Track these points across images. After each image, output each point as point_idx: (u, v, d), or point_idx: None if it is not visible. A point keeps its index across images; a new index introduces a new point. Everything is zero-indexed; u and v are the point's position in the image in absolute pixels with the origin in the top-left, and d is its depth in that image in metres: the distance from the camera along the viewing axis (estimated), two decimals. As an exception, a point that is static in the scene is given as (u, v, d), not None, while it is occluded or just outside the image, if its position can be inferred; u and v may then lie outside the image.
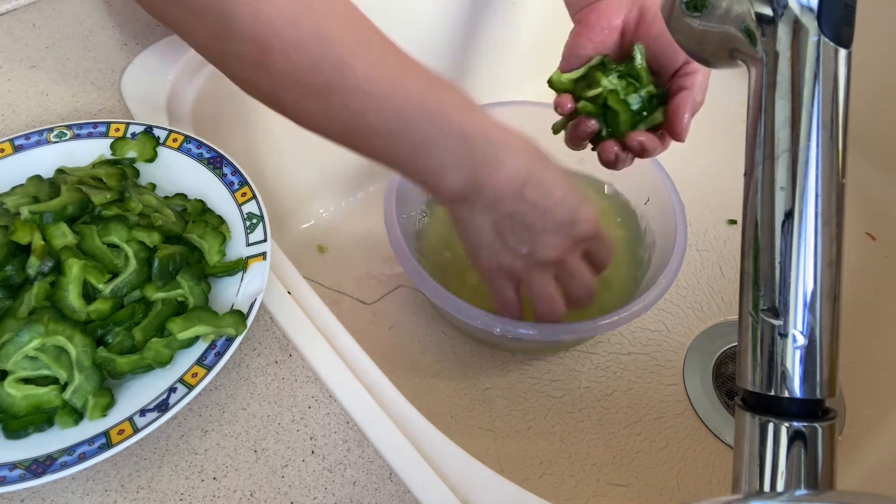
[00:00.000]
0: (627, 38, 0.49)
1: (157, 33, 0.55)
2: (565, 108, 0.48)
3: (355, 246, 0.67)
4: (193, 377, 0.36)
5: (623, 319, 0.49)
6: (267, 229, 0.42)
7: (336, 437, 0.37)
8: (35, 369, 0.35)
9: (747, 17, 0.27)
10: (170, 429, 0.36)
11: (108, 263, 0.38)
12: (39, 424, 0.34)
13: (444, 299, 0.49)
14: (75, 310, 0.36)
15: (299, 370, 0.39)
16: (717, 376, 0.60)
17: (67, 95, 0.50)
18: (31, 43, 0.54)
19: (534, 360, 0.60)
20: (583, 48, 0.49)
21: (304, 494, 0.35)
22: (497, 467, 0.36)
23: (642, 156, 0.48)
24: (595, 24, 0.49)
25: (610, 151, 0.48)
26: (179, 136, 0.46)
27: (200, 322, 0.37)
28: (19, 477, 0.32)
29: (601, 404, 0.58)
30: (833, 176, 0.26)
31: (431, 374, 0.58)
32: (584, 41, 0.49)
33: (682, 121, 0.46)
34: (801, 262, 0.26)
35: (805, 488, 0.25)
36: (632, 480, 0.53)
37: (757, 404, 0.27)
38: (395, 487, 0.35)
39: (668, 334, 0.62)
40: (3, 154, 0.44)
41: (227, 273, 0.40)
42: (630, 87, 0.47)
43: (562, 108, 0.48)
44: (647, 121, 0.48)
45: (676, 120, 0.46)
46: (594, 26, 0.49)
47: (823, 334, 0.26)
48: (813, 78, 0.26)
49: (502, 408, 0.57)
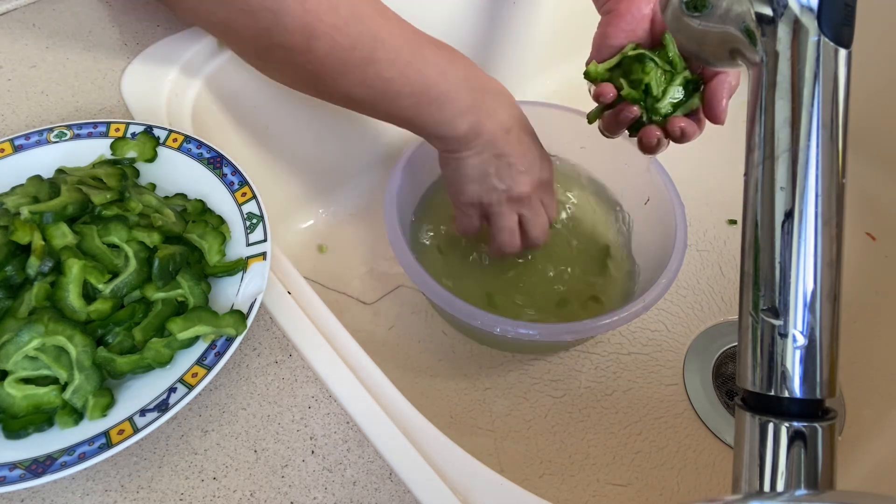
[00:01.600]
0: (657, 27, 0.50)
1: (157, 33, 0.55)
2: (608, 97, 0.48)
3: (355, 246, 0.67)
4: (193, 377, 0.36)
5: (623, 319, 0.49)
6: (267, 229, 0.42)
7: (336, 437, 0.37)
8: (35, 369, 0.35)
9: (747, 17, 0.27)
10: (170, 429, 0.36)
11: (108, 263, 0.38)
12: (39, 424, 0.34)
13: (444, 299, 0.49)
14: (75, 310, 0.36)
15: (299, 370, 0.39)
16: (717, 376, 0.60)
17: (67, 95, 0.50)
18: (31, 43, 0.54)
19: (534, 360, 0.60)
20: (614, 38, 0.49)
21: (304, 494, 0.35)
22: (497, 467, 0.36)
23: (682, 141, 0.49)
24: (625, 13, 0.49)
25: (653, 136, 0.48)
26: (179, 136, 0.46)
27: (200, 322, 0.37)
28: (19, 477, 0.32)
29: (601, 404, 0.58)
30: (833, 176, 0.26)
31: (431, 374, 0.58)
32: (615, 31, 0.49)
33: (721, 104, 0.47)
34: (801, 262, 0.26)
35: (805, 488, 0.25)
36: (632, 480, 0.53)
37: (757, 404, 0.27)
38: (395, 487, 0.35)
39: (668, 334, 0.62)
40: (3, 154, 0.44)
41: (227, 273, 0.40)
42: (668, 74, 0.48)
43: (604, 96, 0.48)
44: (686, 106, 0.48)
45: (715, 103, 0.47)
46: (624, 15, 0.49)
47: (823, 334, 0.26)
48: (813, 78, 0.26)
49: (502, 408, 0.57)
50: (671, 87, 0.47)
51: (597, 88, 0.49)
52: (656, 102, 0.48)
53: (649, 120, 0.48)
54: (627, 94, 0.48)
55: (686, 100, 0.48)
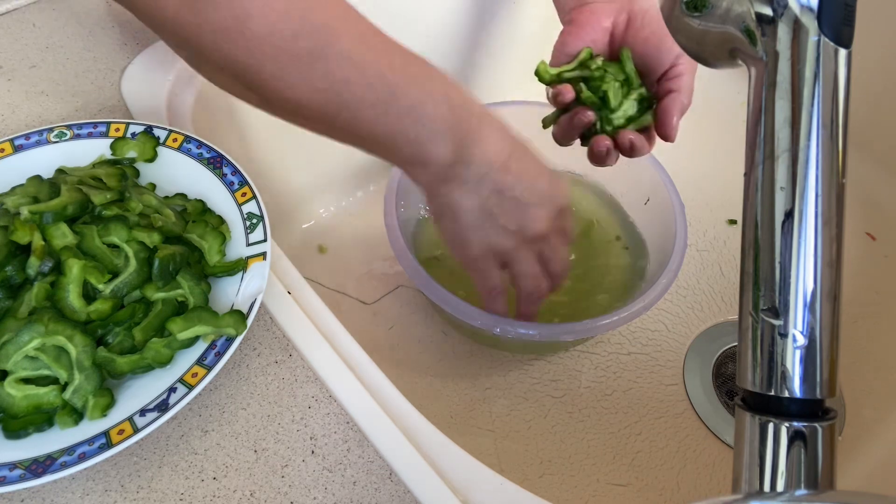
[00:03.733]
0: (616, 41, 0.50)
1: (157, 33, 0.55)
2: (566, 97, 0.48)
3: (355, 246, 0.67)
4: (193, 377, 0.36)
5: (623, 319, 0.49)
6: (267, 229, 0.42)
7: (336, 437, 0.37)
8: (35, 369, 0.35)
9: (747, 17, 0.27)
10: (170, 429, 0.36)
11: (109, 263, 0.38)
12: (39, 424, 0.34)
13: (444, 299, 0.49)
14: (75, 310, 0.36)
15: (299, 370, 0.39)
16: (717, 376, 0.60)
17: (67, 95, 0.50)
18: (31, 43, 0.54)
19: (534, 360, 0.60)
20: (573, 46, 0.50)
21: (304, 494, 0.35)
22: (497, 467, 0.36)
23: (630, 154, 0.49)
24: (586, 24, 0.50)
25: (603, 145, 0.48)
26: (179, 136, 0.46)
27: (200, 322, 0.37)
28: (19, 477, 0.32)
29: (601, 404, 0.58)
30: (833, 176, 0.26)
31: (431, 374, 0.58)
32: (574, 40, 0.50)
33: (672, 122, 0.47)
34: (801, 262, 0.26)
35: (805, 488, 0.25)
36: (632, 480, 0.53)
37: (757, 404, 0.27)
38: (395, 487, 0.35)
39: (668, 334, 0.62)
40: (3, 154, 0.44)
41: (227, 273, 0.40)
42: (624, 88, 0.49)
43: (562, 96, 0.48)
44: (638, 122, 0.49)
45: (666, 121, 0.48)
46: (585, 25, 0.50)
47: (823, 334, 0.26)
48: (813, 78, 0.26)
49: (502, 408, 0.57)
50: (626, 101, 0.48)
51: (555, 89, 0.49)
52: (611, 113, 0.48)
53: (602, 129, 0.49)
54: (587, 98, 0.48)
55: (639, 116, 0.49)
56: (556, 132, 0.51)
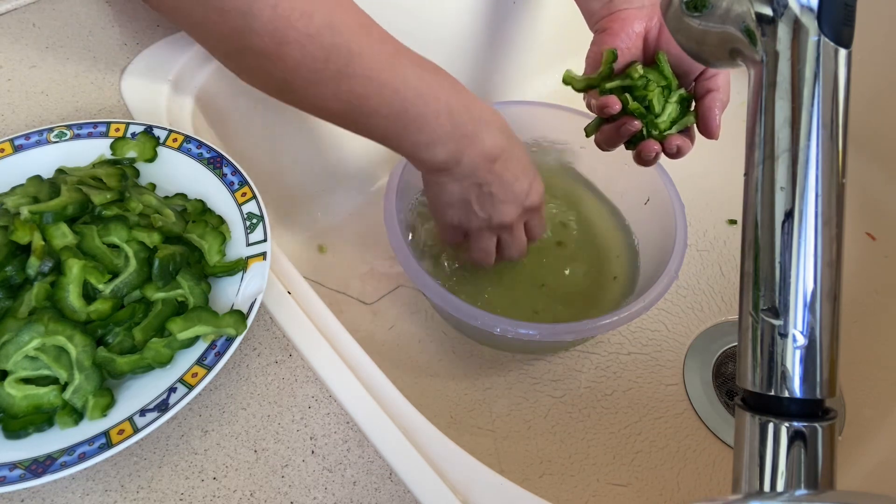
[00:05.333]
0: (650, 46, 0.51)
1: (157, 33, 0.55)
2: (614, 109, 0.49)
3: (355, 246, 0.67)
4: (193, 377, 0.36)
5: (623, 319, 0.49)
6: (267, 229, 0.42)
7: (336, 437, 0.37)
8: (35, 369, 0.35)
9: (747, 17, 0.27)
10: (170, 429, 0.36)
11: (108, 263, 0.38)
12: (39, 424, 0.34)
13: (444, 299, 0.49)
14: (75, 310, 0.36)
15: (299, 370, 0.39)
16: (717, 376, 0.60)
17: (67, 95, 0.50)
18: (31, 43, 0.54)
19: (534, 360, 0.60)
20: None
21: (304, 494, 0.35)
22: (497, 467, 0.36)
23: (677, 157, 0.51)
24: (619, 32, 0.50)
25: (652, 150, 0.50)
26: (179, 136, 0.46)
27: (200, 322, 0.37)
28: (19, 477, 0.32)
29: (601, 404, 0.58)
30: (833, 176, 0.26)
31: (431, 374, 0.58)
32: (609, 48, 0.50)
33: (715, 120, 0.49)
34: (801, 262, 0.26)
35: (805, 488, 0.25)
36: (632, 480, 0.54)
37: (757, 404, 0.27)
38: (395, 487, 0.35)
39: (668, 334, 0.62)
40: (3, 154, 0.44)
41: (227, 273, 0.40)
42: (665, 91, 0.50)
43: (610, 108, 0.49)
44: (681, 122, 0.50)
45: (710, 119, 0.49)
46: (618, 34, 0.50)
47: (823, 334, 0.26)
48: (813, 78, 0.26)
49: (502, 408, 0.57)
50: (669, 104, 0.49)
51: (601, 100, 0.49)
52: (656, 118, 0.49)
53: (648, 134, 0.50)
54: (634, 108, 0.49)
55: (681, 117, 0.50)
56: (600, 139, 0.52)
